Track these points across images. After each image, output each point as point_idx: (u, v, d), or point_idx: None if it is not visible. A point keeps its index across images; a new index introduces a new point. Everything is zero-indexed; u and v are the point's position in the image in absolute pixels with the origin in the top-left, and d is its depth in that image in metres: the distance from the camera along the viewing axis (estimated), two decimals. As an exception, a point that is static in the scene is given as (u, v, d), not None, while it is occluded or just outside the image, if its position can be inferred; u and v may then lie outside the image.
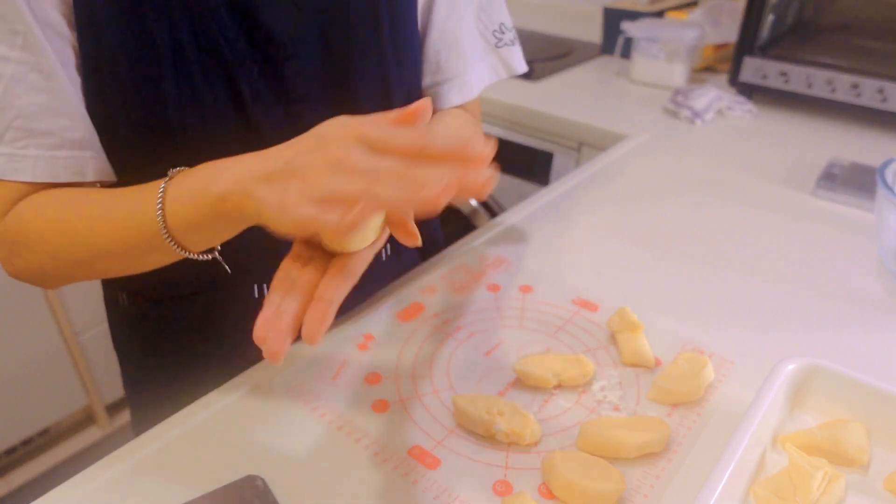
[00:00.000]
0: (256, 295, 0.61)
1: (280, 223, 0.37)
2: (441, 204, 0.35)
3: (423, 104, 0.39)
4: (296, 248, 0.43)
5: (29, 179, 0.48)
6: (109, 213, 0.47)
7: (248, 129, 0.54)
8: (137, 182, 0.47)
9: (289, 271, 0.41)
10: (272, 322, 0.38)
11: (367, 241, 0.42)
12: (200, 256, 0.47)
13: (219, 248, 0.48)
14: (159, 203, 0.44)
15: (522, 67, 0.71)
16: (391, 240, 0.47)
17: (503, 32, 0.68)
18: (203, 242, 0.46)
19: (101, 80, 0.49)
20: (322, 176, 0.36)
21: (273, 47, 0.53)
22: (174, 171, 0.46)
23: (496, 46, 0.68)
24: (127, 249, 0.47)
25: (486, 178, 0.36)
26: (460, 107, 0.67)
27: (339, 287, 0.40)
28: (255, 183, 0.38)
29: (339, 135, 0.38)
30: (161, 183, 0.45)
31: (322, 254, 0.42)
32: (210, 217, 0.42)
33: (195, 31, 0.49)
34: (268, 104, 0.54)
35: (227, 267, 0.51)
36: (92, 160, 0.50)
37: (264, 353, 0.38)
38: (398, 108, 0.64)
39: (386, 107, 0.60)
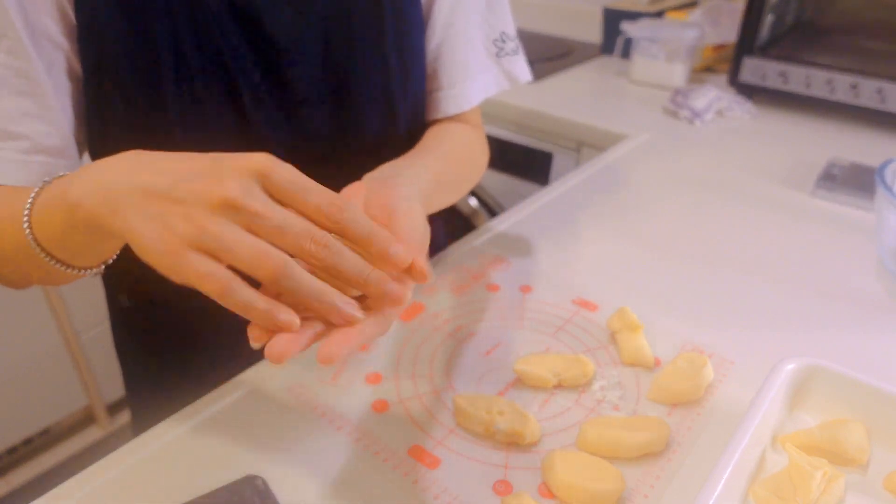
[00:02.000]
0: None
1: (156, 263, 0.32)
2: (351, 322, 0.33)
3: (353, 193, 0.37)
4: None
5: (3, 182, 0.47)
6: (7, 212, 0.43)
7: (249, 133, 0.54)
8: None
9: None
10: (288, 326, 0.33)
11: None
12: (85, 273, 0.43)
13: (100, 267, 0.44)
14: (27, 209, 0.40)
15: (526, 77, 0.69)
16: None
17: (504, 42, 0.67)
18: (77, 257, 0.41)
19: (103, 84, 0.49)
20: (205, 222, 0.31)
21: (275, 53, 0.53)
22: (60, 174, 0.41)
23: (497, 56, 0.66)
24: (12, 256, 0.43)
25: (399, 298, 0.33)
26: (459, 116, 0.66)
27: (376, 325, 0.35)
28: (125, 199, 0.33)
29: (238, 167, 0.33)
30: (35, 187, 0.41)
31: None
32: (67, 228, 0.37)
33: (197, 36, 0.49)
34: (269, 109, 0.54)
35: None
36: (64, 169, 0.49)
37: (266, 350, 0.33)
38: (402, 114, 0.64)
39: (389, 114, 0.60)
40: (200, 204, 0.32)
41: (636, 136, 1.05)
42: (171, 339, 0.65)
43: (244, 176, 0.32)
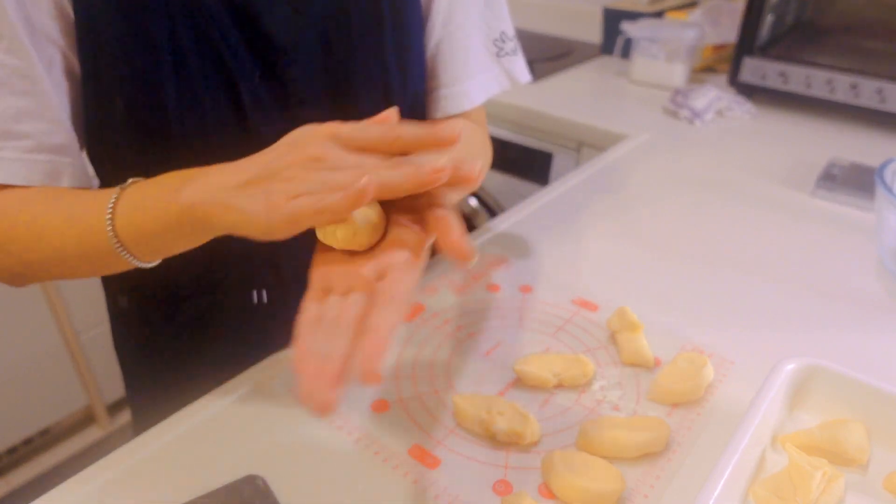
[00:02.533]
0: (255, 301, 0.61)
1: (269, 225, 0.35)
2: (440, 179, 0.35)
3: (390, 112, 0.40)
4: (315, 283, 0.38)
5: (2, 181, 0.47)
6: (64, 215, 0.47)
7: (249, 134, 0.53)
8: None
9: (318, 310, 0.36)
10: (317, 371, 0.32)
11: (366, 237, 0.39)
12: (146, 264, 0.47)
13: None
14: (110, 209, 0.44)
15: (525, 77, 0.70)
16: None
17: (504, 42, 0.67)
18: (156, 253, 0.46)
19: (101, 84, 0.49)
20: (305, 174, 0.35)
21: (274, 52, 0.53)
22: (130, 180, 0.45)
23: (497, 56, 0.67)
24: (80, 254, 0.47)
25: (472, 164, 0.36)
26: (463, 115, 0.66)
27: (392, 315, 0.34)
28: (231, 193, 0.37)
29: (311, 136, 0.38)
30: (114, 191, 0.45)
31: (350, 283, 0.37)
32: (171, 226, 0.41)
33: (196, 36, 0.49)
34: (268, 109, 0.54)
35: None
36: (69, 167, 0.50)
37: (313, 408, 0.31)
38: (401, 115, 0.64)
39: None
40: (294, 169, 0.36)
41: (636, 136, 1.05)
42: (171, 339, 0.65)
43: (320, 140, 0.37)
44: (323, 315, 0.35)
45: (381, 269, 0.37)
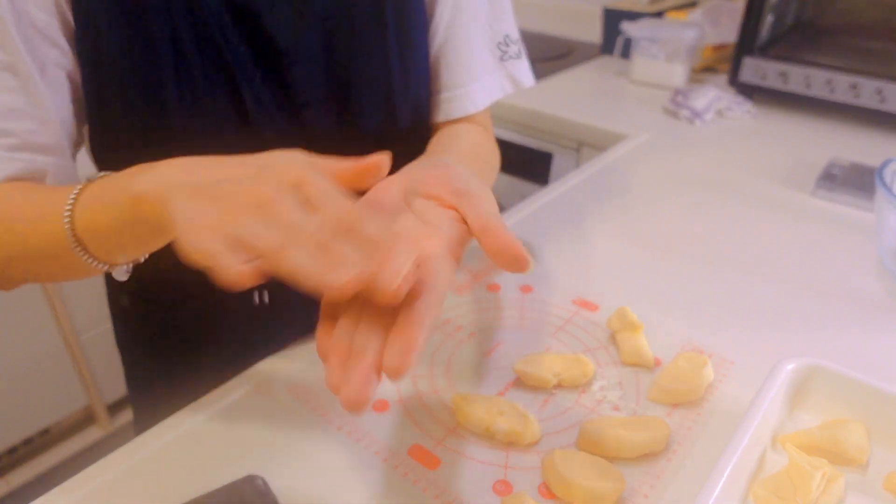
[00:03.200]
0: (257, 301, 0.61)
1: (184, 246, 0.33)
2: (345, 293, 0.30)
3: (379, 161, 0.36)
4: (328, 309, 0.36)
5: None
6: (30, 212, 0.44)
7: (251, 135, 0.53)
8: None
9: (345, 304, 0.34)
10: (351, 365, 0.31)
11: None
12: (113, 270, 0.44)
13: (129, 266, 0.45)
14: (70, 203, 0.41)
15: (529, 81, 0.69)
16: None
17: (508, 45, 0.66)
18: (115, 252, 0.43)
19: (102, 85, 0.49)
20: (242, 212, 0.33)
21: (275, 53, 0.52)
22: (101, 174, 0.43)
23: (501, 60, 0.66)
24: (45, 254, 0.44)
25: (395, 289, 0.30)
26: (467, 118, 0.65)
27: (428, 306, 0.32)
28: (177, 191, 0.35)
29: (278, 173, 0.34)
30: (75, 187, 0.42)
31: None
32: (123, 221, 0.39)
33: (197, 36, 0.49)
34: (270, 110, 0.54)
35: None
36: (53, 166, 0.49)
37: (344, 402, 0.30)
38: (403, 115, 0.63)
39: (391, 114, 0.60)
40: (238, 201, 0.33)
41: (636, 136, 1.05)
42: (173, 339, 0.65)
43: (281, 184, 0.34)
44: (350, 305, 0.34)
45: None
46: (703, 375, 0.51)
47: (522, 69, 0.69)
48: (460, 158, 0.57)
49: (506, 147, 1.24)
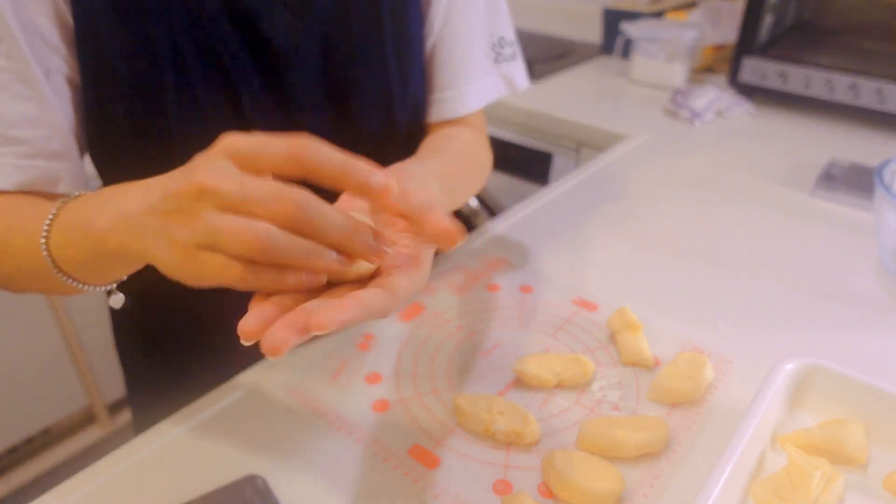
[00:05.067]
0: None
1: (178, 276, 0.33)
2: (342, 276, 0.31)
3: (392, 182, 0.34)
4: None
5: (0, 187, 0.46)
6: (24, 229, 0.43)
7: None
8: None
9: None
10: (271, 312, 0.32)
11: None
12: (99, 289, 0.44)
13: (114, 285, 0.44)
14: (45, 229, 0.40)
15: (524, 83, 0.69)
16: None
17: (503, 47, 0.66)
18: (93, 278, 0.42)
19: (102, 89, 0.49)
20: (192, 213, 0.31)
21: (274, 57, 0.52)
22: (75, 194, 0.42)
23: (495, 62, 0.66)
24: (39, 273, 0.43)
25: (380, 255, 0.31)
26: (460, 120, 0.65)
27: (378, 298, 0.32)
28: (138, 220, 0.33)
29: (207, 153, 0.33)
30: (52, 207, 0.41)
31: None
32: (93, 257, 0.38)
33: (196, 40, 0.49)
34: (269, 114, 0.54)
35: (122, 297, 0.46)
36: (66, 171, 0.49)
37: (263, 345, 0.31)
38: (401, 119, 0.64)
39: (389, 118, 0.60)
40: (184, 204, 0.31)
41: (636, 136, 1.05)
42: (172, 339, 0.65)
43: (216, 161, 0.32)
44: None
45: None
46: (702, 375, 0.51)
47: (517, 70, 0.68)
48: (440, 163, 0.56)
49: (506, 147, 1.25)
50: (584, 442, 0.47)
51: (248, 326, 0.32)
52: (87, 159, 0.55)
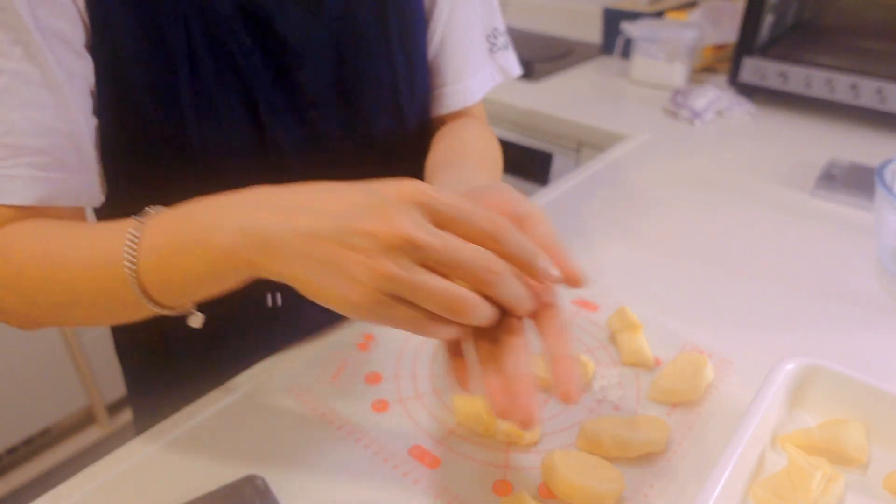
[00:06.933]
0: (269, 304, 0.60)
1: (345, 311, 0.33)
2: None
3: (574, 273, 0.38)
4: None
5: (18, 203, 0.43)
6: (82, 254, 0.41)
7: (265, 137, 0.53)
8: (150, 201, 0.41)
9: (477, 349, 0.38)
10: (509, 386, 0.35)
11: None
12: (174, 313, 0.41)
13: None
14: (132, 254, 0.38)
15: (516, 71, 0.71)
16: None
17: (496, 37, 0.68)
18: (185, 300, 0.41)
19: (117, 91, 0.48)
20: (385, 260, 0.30)
21: (286, 56, 0.53)
22: (150, 210, 0.39)
23: (491, 52, 0.68)
24: (97, 301, 0.41)
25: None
26: (465, 111, 0.67)
27: (568, 341, 0.38)
28: (288, 244, 0.32)
29: (399, 195, 0.32)
30: (128, 226, 0.39)
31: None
32: (206, 275, 0.36)
33: (210, 40, 0.49)
34: (281, 112, 0.54)
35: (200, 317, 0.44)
36: (86, 183, 0.47)
37: (518, 423, 0.34)
38: (410, 114, 0.65)
39: (397, 114, 0.61)
40: (377, 248, 0.31)
41: (636, 136, 1.05)
42: (171, 339, 0.65)
43: (409, 208, 0.32)
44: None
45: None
46: (702, 375, 0.51)
47: (510, 59, 0.70)
48: (481, 166, 0.58)
49: (506, 147, 1.24)
50: (585, 442, 0.47)
51: (503, 405, 0.35)
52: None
